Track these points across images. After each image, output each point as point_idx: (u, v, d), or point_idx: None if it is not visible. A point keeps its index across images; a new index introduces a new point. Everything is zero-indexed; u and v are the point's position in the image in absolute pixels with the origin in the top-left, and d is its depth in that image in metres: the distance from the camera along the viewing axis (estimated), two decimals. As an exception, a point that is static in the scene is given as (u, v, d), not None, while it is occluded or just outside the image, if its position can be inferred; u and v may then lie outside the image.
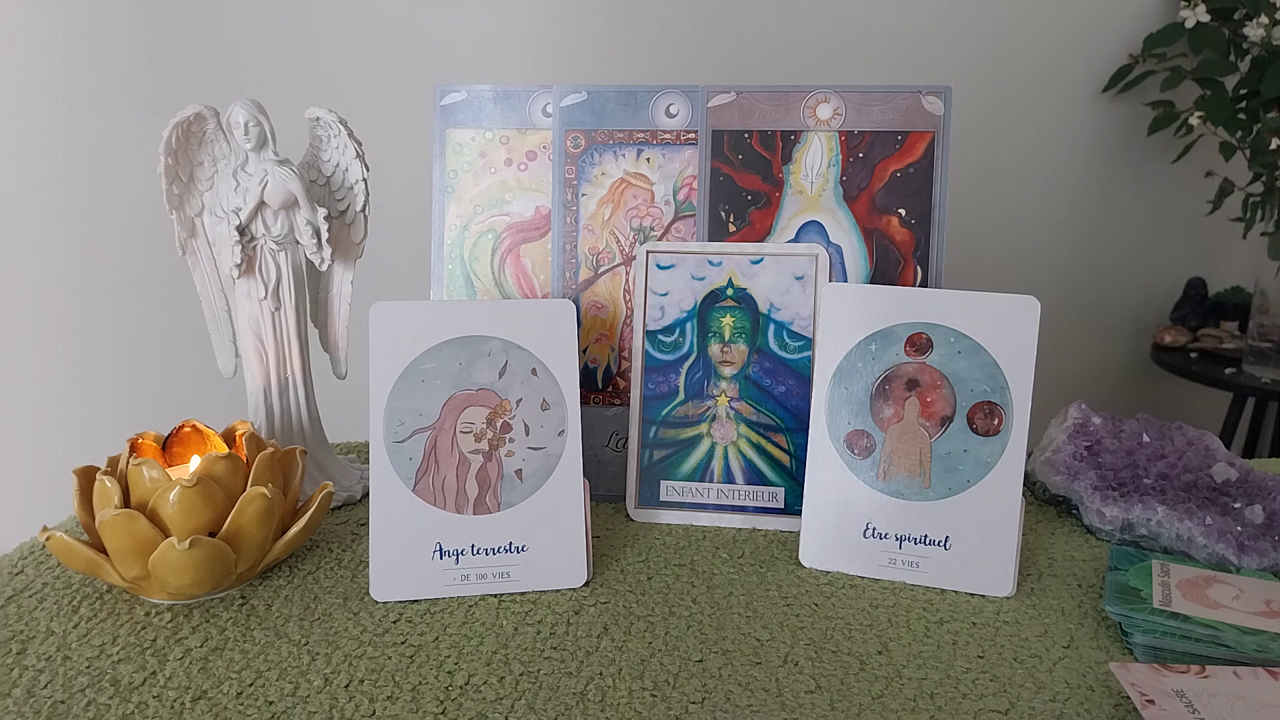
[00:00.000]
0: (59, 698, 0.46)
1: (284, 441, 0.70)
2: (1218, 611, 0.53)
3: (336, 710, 0.46)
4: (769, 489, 0.68)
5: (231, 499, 0.56)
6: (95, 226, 1.33)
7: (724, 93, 0.71)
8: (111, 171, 1.31)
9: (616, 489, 0.72)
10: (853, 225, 0.71)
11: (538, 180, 0.73)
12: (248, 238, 0.67)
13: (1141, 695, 0.45)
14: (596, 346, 0.73)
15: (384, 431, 0.58)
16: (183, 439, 0.62)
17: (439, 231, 0.74)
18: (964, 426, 0.60)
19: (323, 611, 0.56)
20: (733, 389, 0.69)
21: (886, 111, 0.70)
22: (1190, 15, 1.45)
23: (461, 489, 0.58)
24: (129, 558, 0.53)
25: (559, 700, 0.47)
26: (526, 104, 0.73)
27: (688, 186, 0.72)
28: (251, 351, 0.70)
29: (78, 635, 0.52)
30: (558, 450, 0.60)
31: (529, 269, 0.74)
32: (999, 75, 1.53)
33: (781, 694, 0.48)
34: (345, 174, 0.71)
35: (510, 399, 0.60)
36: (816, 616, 0.56)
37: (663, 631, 0.54)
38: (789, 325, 0.69)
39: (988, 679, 0.49)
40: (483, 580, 0.58)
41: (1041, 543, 0.66)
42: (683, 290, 0.70)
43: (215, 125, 0.67)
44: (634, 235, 0.72)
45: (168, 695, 0.47)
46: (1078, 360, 1.73)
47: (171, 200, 0.68)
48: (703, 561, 0.63)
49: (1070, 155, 1.62)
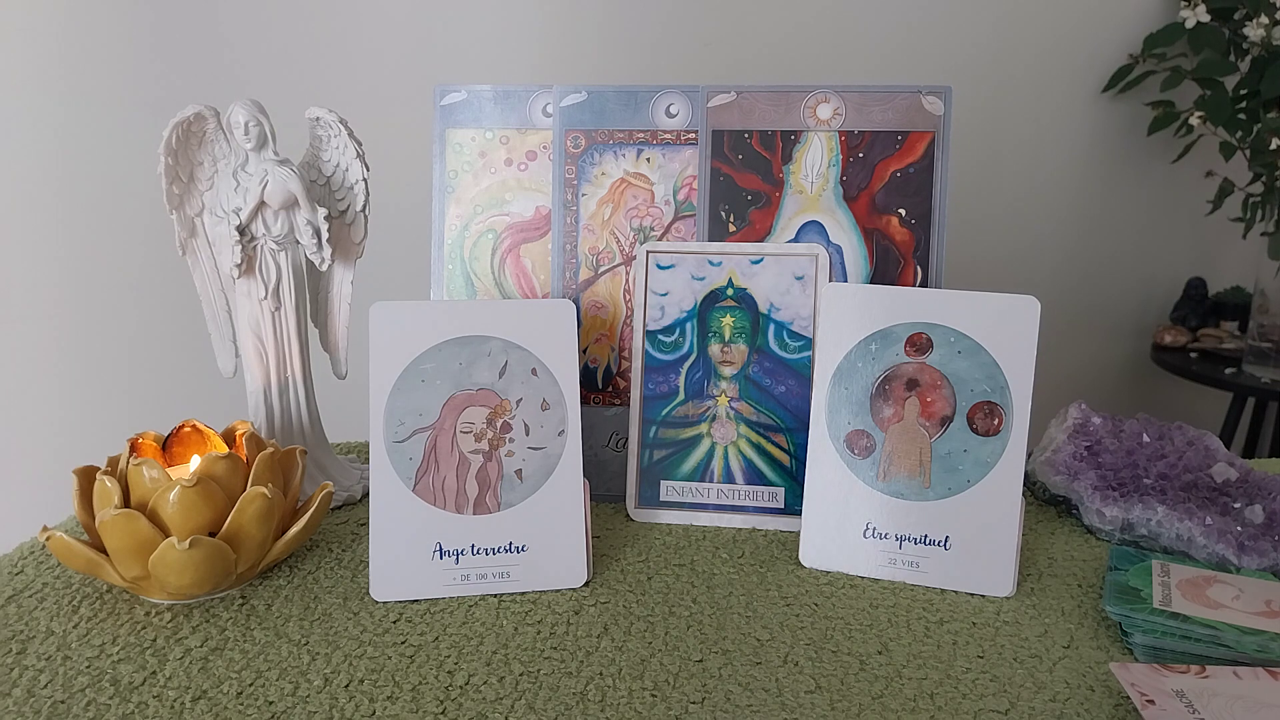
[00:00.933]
0: (59, 698, 0.46)
1: (284, 441, 0.70)
2: (1218, 611, 0.53)
3: (336, 710, 0.46)
4: (769, 489, 0.68)
5: (231, 499, 0.56)
6: (95, 226, 1.33)
7: (724, 93, 0.71)
8: (111, 171, 1.31)
9: (616, 489, 0.72)
10: (853, 225, 0.71)
11: (538, 180, 0.73)
12: (248, 238, 0.67)
13: (1141, 695, 0.45)
14: (596, 346, 0.73)
15: (384, 431, 0.58)
16: (183, 439, 0.62)
17: (439, 231, 0.74)
18: (964, 426, 0.60)
19: (323, 611, 0.56)
20: (733, 389, 0.69)
21: (886, 111, 0.70)
22: (1190, 15, 1.45)
23: (461, 489, 0.58)
24: (129, 558, 0.53)
25: (559, 700, 0.47)
26: (526, 104, 0.73)
27: (688, 186, 0.72)
28: (251, 351, 0.70)
29: (78, 635, 0.52)
30: (558, 450, 0.60)
31: (529, 269, 0.74)
32: (999, 75, 1.53)
33: (781, 694, 0.48)
34: (345, 174, 0.71)
35: (510, 399, 0.60)
36: (816, 616, 0.56)
37: (663, 631, 0.54)
38: (789, 325, 0.69)
39: (988, 679, 0.49)
40: (483, 580, 0.58)
41: (1041, 543, 0.66)
42: (683, 290, 0.70)
43: (215, 125, 0.67)
44: (634, 235, 0.72)
45: (168, 695, 0.47)
46: (1078, 360, 1.73)
47: (171, 200, 0.68)
48: (703, 561, 0.63)
49: (1070, 155, 1.62)
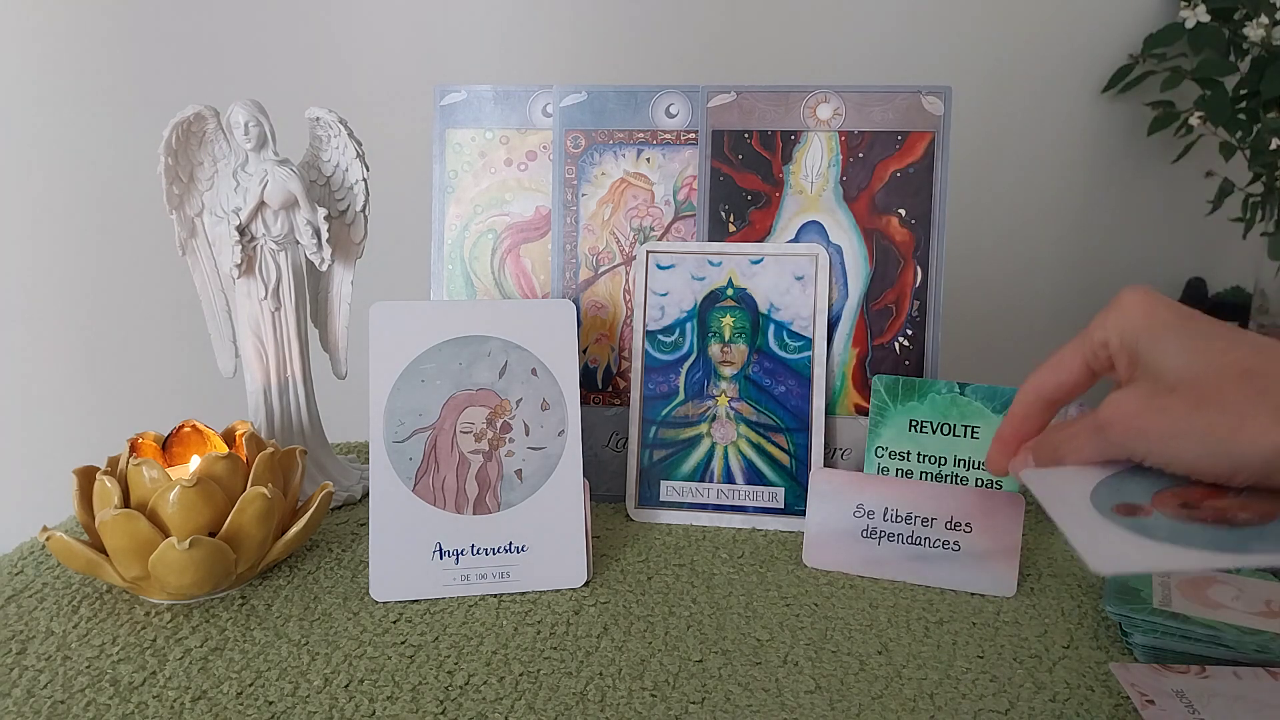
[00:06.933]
0: (59, 698, 0.46)
1: (284, 441, 0.70)
2: (1218, 611, 0.52)
3: (336, 710, 0.46)
4: (769, 489, 0.68)
5: (231, 499, 0.56)
6: (95, 226, 1.33)
7: (724, 93, 0.71)
8: (111, 171, 1.31)
9: (616, 489, 0.72)
10: (853, 225, 0.71)
11: (538, 180, 0.73)
12: (248, 238, 0.67)
13: (1141, 695, 0.45)
14: (596, 346, 0.73)
15: (384, 431, 0.58)
16: (183, 439, 0.62)
17: (439, 231, 0.74)
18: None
19: (323, 611, 0.56)
20: (733, 389, 0.69)
21: (886, 111, 0.70)
22: (1190, 15, 1.45)
23: (461, 489, 0.58)
24: (129, 558, 0.53)
25: (559, 700, 0.47)
26: (526, 104, 0.73)
27: (688, 186, 0.72)
28: (251, 351, 0.70)
29: (78, 635, 0.52)
30: (558, 450, 0.60)
31: (529, 269, 0.74)
32: (999, 75, 1.53)
33: (781, 694, 0.48)
34: (345, 174, 0.71)
35: (510, 399, 0.60)
36: (816, 616, 0.56)
37: (663, 631, 0.54)
38: (789, 325, 0.69)
39: (988, 679, 0.49)
40: (483, 580, 0.58)
41: (1041, 543, 0.66)
42: (683, 290, 0.70)
43: (215, 125, 0.67)
44: (634, 235, 0.72)
45: (168, 695, 0.47)
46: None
47: (171, 200, 0.68)
48: (703, 561, 0.63)
49: (1070, 155, 1.62)
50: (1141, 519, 0.38)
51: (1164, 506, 0.38)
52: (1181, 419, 0.37)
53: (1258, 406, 0.35)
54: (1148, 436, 0.38)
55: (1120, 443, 0.39)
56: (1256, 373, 0.35)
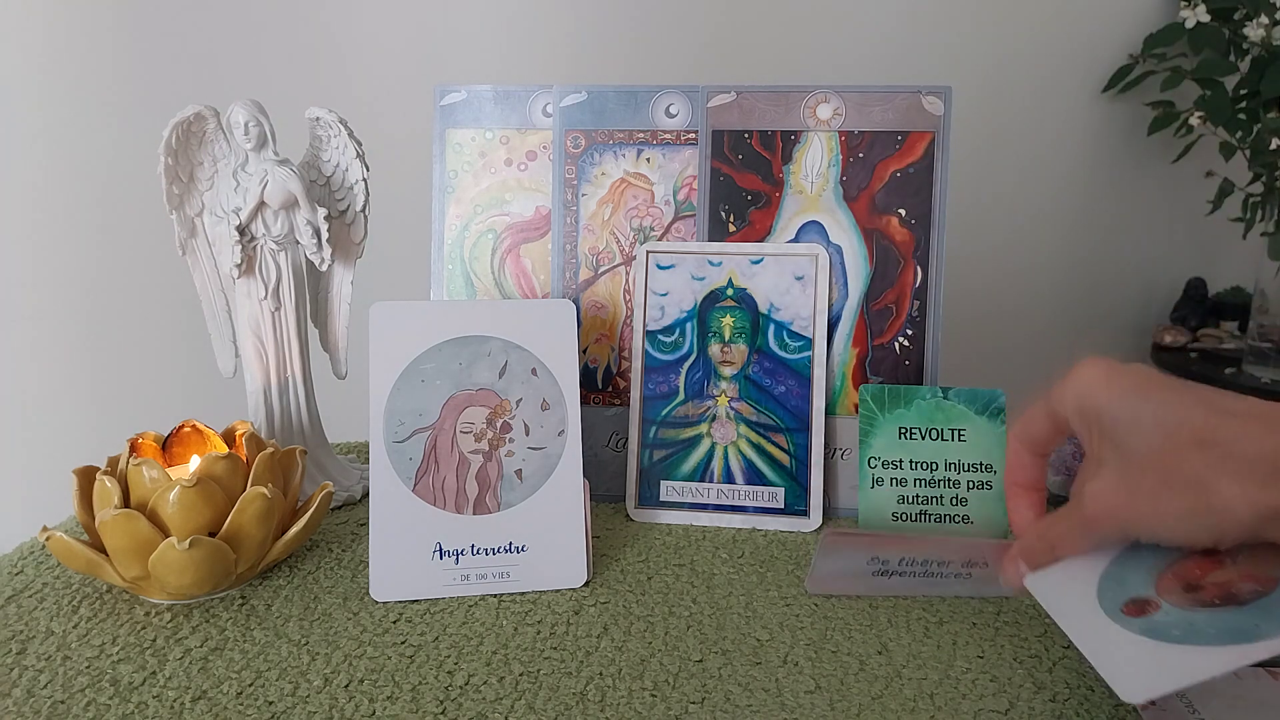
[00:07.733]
0: (59, 698, 0.46)
1: (284, 441, 0.70)
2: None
3: (336, 710, 0.46)
4: (769, 489, 0.68)
5: (231, 499, 0.56)
6: (95, 226, 1.33)
7: (724, 93, 0.71)
8: (111, 171, 1.31)
9: (616, 489, 0.72)
10: (853, 225, 0.71)
11: (538, 180, 0.73)
12: (248, 238, 0.67)
13: (1141, 695, 0.45)
14: (596, 346, 0.73)
15: (384, 431, 0.58)
16: (183, 439, 0.62)
17: (439, 231, 0.74)
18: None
19: (323, 611, 0.56)
20: (733, 389, 0.69)
21: (886, 111, 0.70)
22: (1190, 15, 1.45)
23: (461, 489, 0.58)
24: (129, 558, 0.53)
25: (559, 700, 0.47)
26: (526, 104, 0.73)
27: (688, 186, 0.72)
28: (251, 351, 0.70)
29: (78, 635, 0.52)
30: (558, 450, 0.60)
31: (529, 269, 0.74)
32: (999, 75, 1.53)
33: (781, 694, 0.48)
34: (345, 174, 0.71)
35: (510, 399, 0.60)
36: (816, 616, 0.56)
37: (663, 631, 0.54)
38: (789, 325, 0.69)
39: (988, 679, 0.49)
40: (483, 580, 0.58)
41: (1041, 543, 0.66)
42: (683, 290, 0.70)
43: (215, 125, 0.67)
44: (634, 235, 0.72)
45: (168, 695, 0.47)
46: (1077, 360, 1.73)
47: (171, 200, 0.68)
48: (703, 561, 0.63)
49: (1070, 155, 1.62)
50: (1152, 617, 0.38)
51: (1169, 594, 0.38)
52: (1159, 500, 0.37)
53: (1219, 474, 0.35)
54: (1134, 524, 0.38)
55: (1111, 534, 0.40)
56: (1209, 442, 0.36)
